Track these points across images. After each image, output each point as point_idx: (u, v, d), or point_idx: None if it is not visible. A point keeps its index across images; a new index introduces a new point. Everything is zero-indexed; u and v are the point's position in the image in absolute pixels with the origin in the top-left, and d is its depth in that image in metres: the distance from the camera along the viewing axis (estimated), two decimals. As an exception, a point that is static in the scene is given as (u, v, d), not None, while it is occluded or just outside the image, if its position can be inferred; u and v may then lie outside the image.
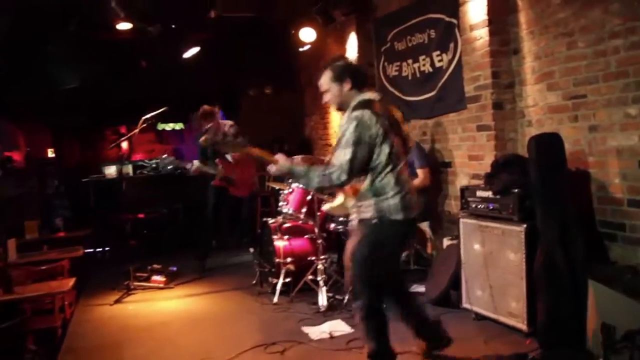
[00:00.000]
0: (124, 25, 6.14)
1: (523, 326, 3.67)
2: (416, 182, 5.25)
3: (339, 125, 3.22)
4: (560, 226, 3.45)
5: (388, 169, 3.04)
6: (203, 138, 5.93)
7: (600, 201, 3.79)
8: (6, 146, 9.40)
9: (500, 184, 3.72)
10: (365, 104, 3.03)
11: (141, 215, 8.33)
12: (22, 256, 5.53)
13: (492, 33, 4.42)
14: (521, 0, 4.33)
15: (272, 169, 3.19)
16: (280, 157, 3.21)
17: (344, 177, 2.94)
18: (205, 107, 6.33)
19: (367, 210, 3.10)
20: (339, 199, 3.40)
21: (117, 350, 4.10)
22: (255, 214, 8.81)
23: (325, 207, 3.46)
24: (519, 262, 3.66)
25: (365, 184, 3.07)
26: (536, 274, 3.49)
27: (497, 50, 4.44)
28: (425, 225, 5.93)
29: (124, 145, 12.48)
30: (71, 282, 4.20)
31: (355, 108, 3.02)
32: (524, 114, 4.43)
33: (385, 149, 3.01)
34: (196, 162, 6.05)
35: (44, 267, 4.69)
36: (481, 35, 4.49)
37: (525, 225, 3.60)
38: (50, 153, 11.38)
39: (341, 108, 3.19)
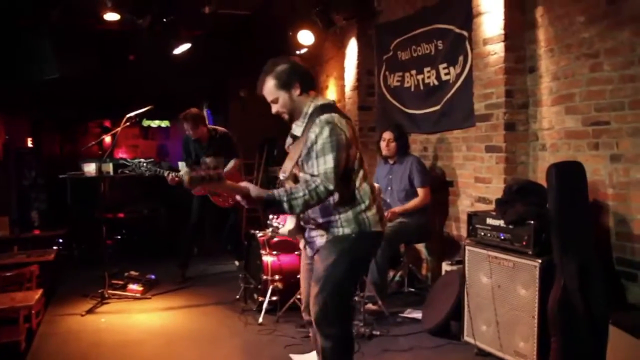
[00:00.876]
0: (111, 16, 5.75)
1: (531, 368, 3.39)
2: (416, 201, 4.96)
3: (295, 134, 2.82)
4: (580, 263, 3.17)
5: (361, 175, 2.75)
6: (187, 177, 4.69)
7: (619, 237, 3.52)
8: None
9: (515, 214, 3.43)
10: (329, 108, 2.71)
11: (121, 215, 7.96)
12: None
13: (507, 49, 4.13)
14: (541, 17, 4.06)
15: (243, 202, 2.60)
16: (249, 185, 2.63)
17: (331, 187, 2.56)
18: (193, 110, 5.90)
19: (345, 224, 2.72)
20: (291, 221, 2.93)
21: (85, 373, 3.74)
22: (241, 220, 8.47)
23: (282, 231, 2.98)
24: (531, 299, 3.38)
25: (337, 194, 2.67)
26: (551, 313, 3.20)
27: (513, 67, 4.16)
28: (421, 246, 5.65)
29: (107, 139, 12.13)
30: (37, 294, 3.83)
31: (318, 113, 2.68)
32: (537, 136, 4.16)
33: (357, 153, 2.74)
34: (172, 174, 5.59)
35: (9, 274, 4.30)
36: (496, 50, 4.21)
37: (540, 260, 3.31)
38: (30, 143, 10.95)
39: (292, 116, 2.82)
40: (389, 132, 5.07)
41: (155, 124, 11.03)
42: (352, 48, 6.61)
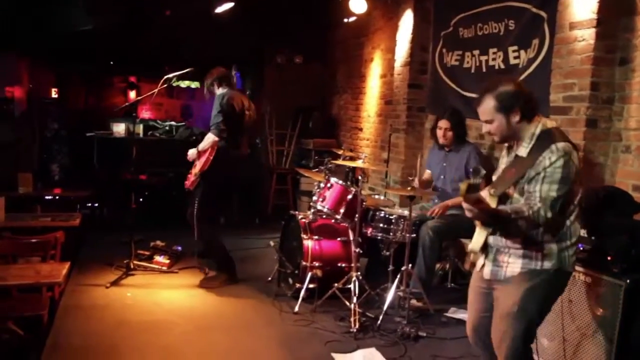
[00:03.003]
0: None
1: (602, 396, 3.06)
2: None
3: (519, 154, 2.59)
4: (675, 288, 2.81)
5: (576, 212, 2.57)
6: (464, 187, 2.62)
7: None
8: (8, 80, 8.67)
9: (605, 226, 3.05)
10: (561, 135, 2.52)
11: (143, 177, 7.67)
12: (12, 218, 4.89)
13: (599, 36, 3.67)
14: (641, 2, 3.60)
15: (469, 212, 2.42)
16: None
17: (549, 215, 2.42)
18: (221, 69, 5.15)
19: (546, 257, 2.53)
20: (480, 236, 2.65)
21: (111, 356, 3.47)
22: (269, 192, 8.18)
23: (471, 246, 2.68)
24: (611, 321, 3.02)
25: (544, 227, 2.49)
26: (636, 340, 2.86)
27: (602, 57, 3.70)
28: (467, 239, 5.29)
29: (132, 95, 11.78)
30: (64, 269, 3.53)
31: (549, 138, 2.48)
32: (620, 136, 3.74)
33: (580, 188, 2.56)
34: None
35: (34, 240, 4.02)
36: (584, 36, 3.76)
37: (628, 280, 2.95)
38: (54, 93, 10.69)
39: (506, 141, 2.66)
40: (445, 121, 4.67)
41: (185, 84, 10.67)
42: (406, 20, 6.14)
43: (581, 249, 3.23)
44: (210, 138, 4.70)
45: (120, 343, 3.66)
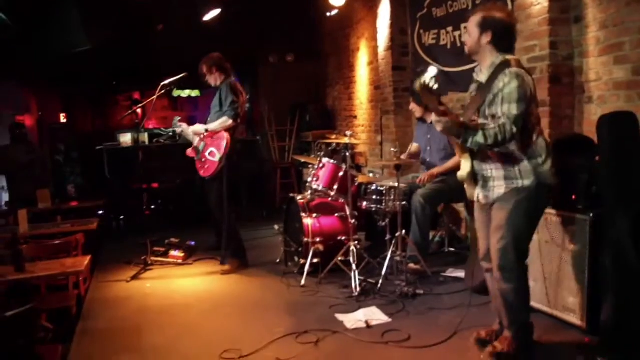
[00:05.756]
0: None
1: (581, 323, 3.35)
2: (455, 159, 4.88)
3: (478, 79, 2.97)
4: (633, 215, 3.08)
5: (537, 130, 2.91)
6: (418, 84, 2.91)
7: (672, 189, 3.40)
8: (17, 110, 9.09)
9: (564, 167, 3.34)
10: (517, 63, 2.85)
11: (155, 185, 8.04)
12: (34, 228, 5.27)
13: (552, -2, 3.98)
14: (588, -38, 3.88)
15: (439, 124, 2.83)
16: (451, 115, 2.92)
17: (514, 129, 2.75)
18: (218, 54, 5.26)
19: (524, 175, 2.89)
20: (466, 166, 3.09)
21: (136, 336, 3.81)
22: (275, 186, 8.52)
23: (459, 174, 3.13)
24: (581, 254, 3.31)
25: (518, 145, 2.86)
26: (603, 268, 3.14)
27: (557, 17, 4.01)
28: (460, 206, 5.59)
29: (138, 111, 12.19)
30: (86, 260, 3.89)
31: (506, 65, 2.81)
32: (583, 89, 4.03)
33: (536, 110, 2.90)
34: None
35: (57, 242, 4.39)
36: (539, 0, 4.06)
37: (591, 214, 3.24)
38: (63, 118, 11.12)
39: (472, 55, 2.99)
40: (412, 103, 5.02)
41: (185, 93, 11.05)
42: (384, 7, 6.46)
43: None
44: (226, 121, 4.98)
45: (143, 324, 4.01)
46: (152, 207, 7.91)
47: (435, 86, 2.73)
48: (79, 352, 3.56)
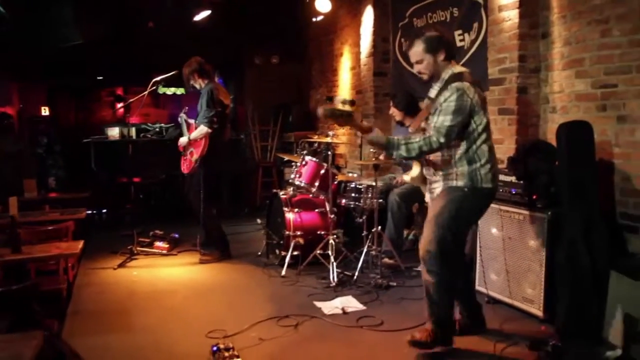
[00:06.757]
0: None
1: (538, 312, 3.68)
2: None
3: (430, 96, 3.24)
4: (585, 216, 3.43)
5: (483, 137, 3.12)
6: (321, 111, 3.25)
7: (622, 193, 3.76)
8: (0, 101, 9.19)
9: (526, 170, 3.68)
10: (460, 77, 3.08)
11: (136, 179, 8.19)
12: (24, 215, 5.42)
13: (522, 15, 4.33)
14: (554, -16, 4.24)
15: (367, 138, 3.17)
16: (375, 129, 3.30)
17: (441, 140, 3.01)
18: (199, 58, 5.46)
19: (459, 177, 3.14)
20: (415, 169, 3.42)
21: (125, 317, 4.04)
22: (256, 184, 8.76)
23: (406, 177, 3.46)
24: (540, 249, 3.65)
25: (458, 151, 3.12)
26: (558, 262, 3.47)
27: (526, 33, 4.36)
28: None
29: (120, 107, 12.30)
30: (80, 244, 4.11)
31: (452, 80, 3.07)
32: (548, 100, 4.38)
33: (484, 118, 3.11)
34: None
35: (50, 228, 4.59)
36: (510, 17, 4.40)
37: (549, 213, 3.57)
38: (44, 111, 11.17)
39: (432, 79, 3.21)
40: (391, 107, 5.28)
41: (170, 91, 11.21)
42: (368, 15, 6.78)
43: (513, 192, 3.87)
44: (203, 130, 5.26)
45: (131, 307, 4.23)
46: (135, 200, 8.07)
47: (347, 108, 3.03)
48: (72, 330, 3.77)
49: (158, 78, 5.65)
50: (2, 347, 2.27)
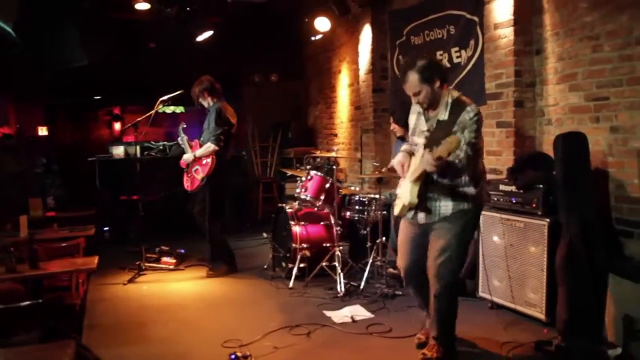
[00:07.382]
0: (142, 6, 6.11)
1: (541, 315, 3.83)
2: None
3: (433, 118, 3.26)
4: (583, 222, 3.58)
5: (481, 156, 3.29)
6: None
7: (617, 199, 3.93)
8: (-2, 121, 9.29)
9: (526, 179, 3.86)
10: (469, 100, 3.22)
11: (135, 197, 8.25)
12: (33, 233, 5.53)
13: (517, 33, 4.53)
14: (547, 3, 4.45)
15: (429, 167, 3.02)
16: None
17: (470, 153, 3.09)
18: (209, 77, 5.60)
19: (470, 198, 3.21)
20: (414, 187, 3.22)
21: (141, 329, 4.16)
22: (257, 200, 8.90)
23: (403, 201, 3.30)
24: (540, 255, 3.81)
25: (469, 169, 3.16)
26: (558, 266, 3.62)
27: (521, 49, 4.55)
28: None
29: (117, 126, 12.41)
30: (95, 259, 4.22)
31: (460, 101, 3.19)
32: (543, 112, 4.57)
33: (481, 139, 3.23)
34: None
35: (64, 244, 4.71)
36: (506, 34, 4.60)
37: (548, 220, 3.75)
38: (42, 131, 11.26)
39: (432, 106, 3.25)
40: (392, 123, 5.40)
41: (170, 109, 11.35)
42: (366, 34, 6.99)
43: (514, 201, 4.04)
44: (210, 148, 5.40)
45: (145, 320, 4.36)
46: (139, 217, 8.15)
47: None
48: (90, 343, 3.83)
49: (165, 97, 5.79)
50: (39, 355, 2.40)
